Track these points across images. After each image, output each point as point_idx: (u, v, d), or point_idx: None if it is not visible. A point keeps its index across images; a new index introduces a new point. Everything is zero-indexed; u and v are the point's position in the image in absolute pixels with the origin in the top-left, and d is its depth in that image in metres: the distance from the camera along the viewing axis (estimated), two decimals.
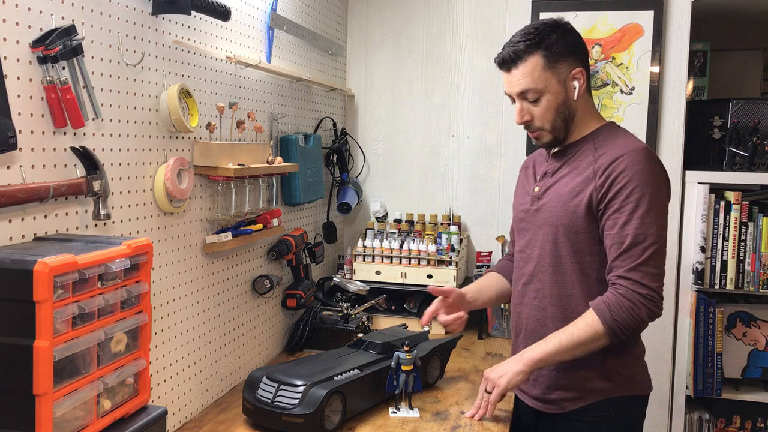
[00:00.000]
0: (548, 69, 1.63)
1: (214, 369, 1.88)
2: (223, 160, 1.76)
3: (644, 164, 1.58)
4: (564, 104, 1.66)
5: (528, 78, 1.63)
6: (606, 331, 1.55)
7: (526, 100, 1.66)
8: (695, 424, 2.58)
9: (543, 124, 1.67)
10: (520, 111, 1.68)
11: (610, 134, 1.69)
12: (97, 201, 1.34)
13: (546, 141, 1.71)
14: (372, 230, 2.73)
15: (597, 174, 1.62)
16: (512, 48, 1.64)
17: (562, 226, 1.66)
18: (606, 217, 1.60)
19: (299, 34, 2.36)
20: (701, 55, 2.87)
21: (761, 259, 2.44)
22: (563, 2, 2.65)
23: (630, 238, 1.56)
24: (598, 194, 1.60)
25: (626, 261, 1.56)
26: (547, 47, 1.62)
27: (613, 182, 1.58)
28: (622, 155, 1.60)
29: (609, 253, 1.60)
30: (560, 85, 1.64)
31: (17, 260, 1.05)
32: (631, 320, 1.54)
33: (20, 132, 1.19)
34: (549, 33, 1.64)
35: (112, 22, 1.42)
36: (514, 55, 1.64)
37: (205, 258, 1.80)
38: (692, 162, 2.61)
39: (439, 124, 2.87)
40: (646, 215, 1.56)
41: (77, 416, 1.15)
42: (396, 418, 1.75)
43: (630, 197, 1.56)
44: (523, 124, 1.70)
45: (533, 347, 1.64)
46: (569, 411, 1.69)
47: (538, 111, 1.66)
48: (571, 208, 1.64)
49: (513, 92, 1.67)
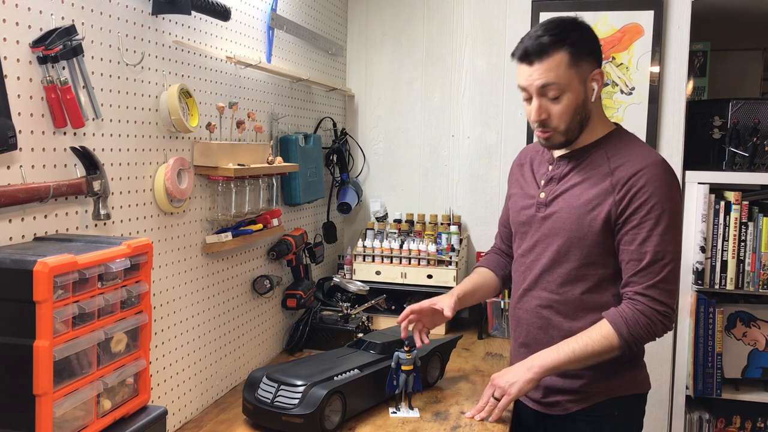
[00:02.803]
0: (572, 67, 1.57)
1: (214, 369, 1.88)
2: (223, 160, 1.76)
3: (663, 179, 1.57)
4: (582, 105, 1.61)
5: (552, 73, 1.56)
6: (620, 344, 1.56)
7: (545, 96, 1.59)
8: (695, 424, 2.58)
9: (559, 125, 1.61)
10: (538, 109, 1.60)
11: (621, 142, 1.66)
12: (97, 201, 1.34)
13: (556, 142, 1.65)
14: (372, 230, 2.73)
15: (616, 188, 1.58)
16: (537, 41, 1.56)
17: (575, 239, 1.63)
18: (624, 232, 1.58)
19: (299, 34, 2.36)
20: (701, 55, 2.87)
21: (761, 259, 2.44)
22: (563, 2, 2.65)
23: (650, 256, 1.55)
24: (617, 209, 1.58)
25: (645, 278, 1.56)
26: (572, 44, 1.57)
27: (633, 197, 1.56)
28: (642, 169, 1.57)
29: (626, 268, 1.59)
30: (581, 85, 1.59)
31: (17, 260, 1.05)
32: (646, 336, 1.56)
33: (20, 132, 1.19)
34: (573, 30, 1.59)
35: (112, 22, 1.42)
36: (539, 48, 1.56)
37: (205, 258, 1.80)
38: (692, 162, 2.61)
39: (439, 124, 2.87)
40: (666, 232, 1.55)
41: (77, 416, 1.15)
42: (396, 418, 1.75)
43: (650, 213, 1.55)
44: (538, 123, 1.63)
45: (544, 354, 1.62)
46: (573, 412, 1.69)
47: (556, 110, 1.59)
48: (587, 221, 1.61)
49: (534, 86, 1.58)
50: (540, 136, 1.66)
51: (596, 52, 1.64)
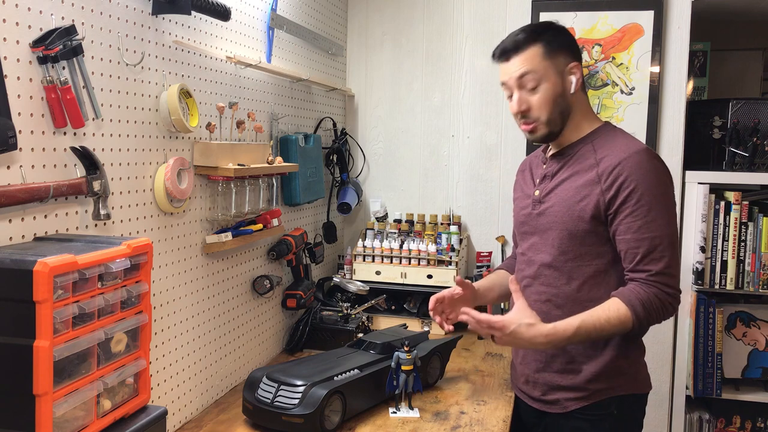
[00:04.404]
0: (547, 58, 1.66)
1: (214, 369, 1.88)
2: (223, 160, 1.76)
3: (649, 165, 1.61)
4: (561, 97, 1.67)
5: (528, 63, 1.65)
6: (631, 327, 1.57)
7: (524, 88, 1.67)
8: (695, 424, 2.58)
9: (539, 115, 1.67)
10: (518, 100, 1.68)
11: (608, 135, 1.71)
12: (97, 201, 1.34)
13: (541, 134, 1.70)
14: (372, 230, 2.73)
15: (602, 178, 1.63)
16: (513, 38, 1.68)
17: (567, 230, 1.66)
18: (618, 222, 1.61)
19: (299, 34, 2.36)
20: (701, 55, 2.87)
21: (761, 259, 2.44)
22: (563, 2, 2.65)
23: (648, 243, 1.58)
24: (605, 198, 1.61)
25: (649, 265, 1.58)
26: (546, 40, 1.67)
27: (620, 187, 1.60)
28: (625, 158, 1.61)
29: (626, 257, 1.61)
30: (558, 76, 1.67)
31: (17, 260, 1.05)
32: (656, 319, 1.59)
33: (20, 132, 1.19)
34: (547, 29, 1.70)
35: (112, 22, 1.42)
36: (515, 44, 1.67)
37: (205, 258, 1.80)
38: (692, 162, 2.61)
39: (439, 124, 2.87)
40: (660, 217, 1.59)
41: (77, 416, 1.15)
42: (396, 418, 1.75)
43: (641, 201, 1.58)
44: (519, 115, 1.70)
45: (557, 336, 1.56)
46: (572, 410, 1.69)
47: (535, 100, 1.66)
48: (577, 212, 1.65)
49: (512, 78, 1.67)
50: (524, 129, 1.73)
51: (572, 47, 1.72)
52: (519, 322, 1.56)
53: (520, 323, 1.56)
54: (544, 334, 1.56)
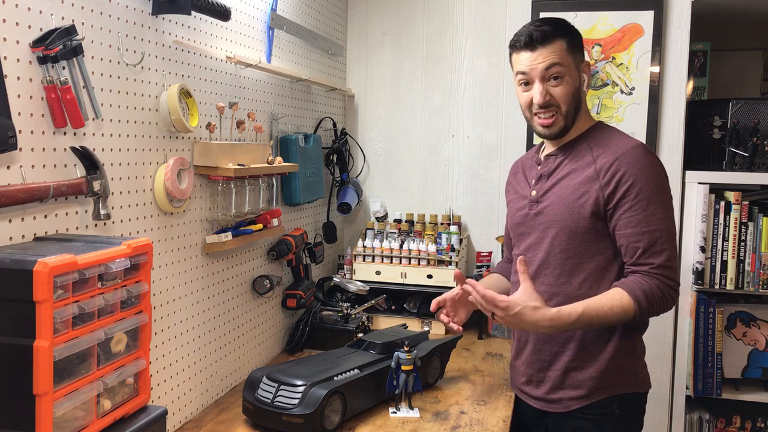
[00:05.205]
0: (570, 54, 1.68)
1: (214, 369, 1.88)
2: (223, 160, 1.76)
3: (646, 160, 1.63)
4: (578, 92, 1.71)
5: (556, 55, 1.66)
6: (633, 316, 1.58)
7: (548, 80, 1.67)
8: (695, 424, 2.58)
9: (562, 105, 1.68)
10: (542, 91, 1.67)
11: (603, 134, 1.73)
12: (97, 201, 1.34)
13: (558, 128, 1.71)
14: (372, 230, 2.73)
15: (600, 174, 1.65)
16: (539, 29, 1.67)
17: (567, 228, 1.67)
18: (618, 217, 1.62)
19: (299, 34, 2.36)
20: (701, 55, 2.87)
21: (761, 259, 2.44)
22: (563, 2, 2.65)
23: (648, 237, 1.60)
24: (604, 194, 1.63)
25: (650, 259, 1.59)
26: (570, 35, 1.70)
27: (618, 183, 1.62)
28: (623, 154, 1.64)
29: (627, 251, 1.62)
30: (577, 71, 1.71)
31: (17, 260, 1.05)
32: (657, 310, 1.61)
33: (20, 132, 1.18)
34: (567, 25, 1.72)
35: (112, 22, 1.42)
36: (543, 35, 1.66)
37: (205, 258, 1.80)
38: (692, 162, 2.61)
39: (439, 124, 2.87)
40: (658, 211, 1.61)
41: (77, 416, 1.15)
42: (396, 418, 1.75)
43: (640, 195, 1.60)
44: (537, 106, 1.69)
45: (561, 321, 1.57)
46: (574, 409, 1.70)
47: (559, 91, 1.68)
48: (576, 209, 1.66)
49: (537, 69, 1.66)
50: (542, 123, 1.71)
51: (582, 47, 1.76)
52: (525, 304, 1.56)
53: (526, 305, 1.56)
54: (548, 317, 1.57)
